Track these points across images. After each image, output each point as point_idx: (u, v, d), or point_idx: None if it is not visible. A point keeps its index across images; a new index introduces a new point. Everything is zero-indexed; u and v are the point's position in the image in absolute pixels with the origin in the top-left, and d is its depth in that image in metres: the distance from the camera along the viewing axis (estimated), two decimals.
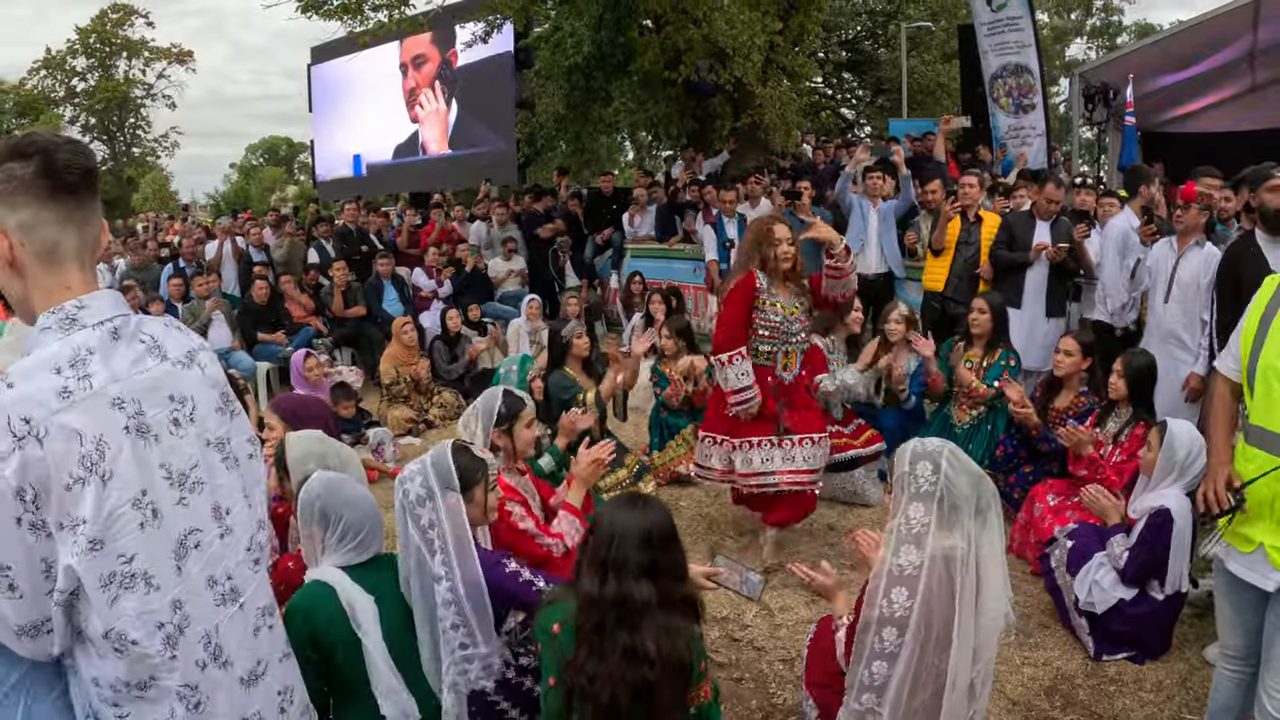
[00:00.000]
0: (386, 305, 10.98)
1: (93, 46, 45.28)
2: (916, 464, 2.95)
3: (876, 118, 25.42)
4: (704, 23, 11.72)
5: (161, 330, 1.96)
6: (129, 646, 1.81)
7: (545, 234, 12.66)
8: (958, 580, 2.86)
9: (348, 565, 3.04)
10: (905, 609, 2.89)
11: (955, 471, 2.90)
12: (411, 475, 3.06)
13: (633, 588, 2.64)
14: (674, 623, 2.70)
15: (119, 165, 46.83)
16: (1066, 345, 5.78)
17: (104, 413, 1.76)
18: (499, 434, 3.99)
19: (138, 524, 1.80)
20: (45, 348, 1.76)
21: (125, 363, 1.82)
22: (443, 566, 2.99)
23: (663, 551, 2.71)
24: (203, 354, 2.05)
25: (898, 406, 6.71)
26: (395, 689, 2.92)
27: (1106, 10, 46.68)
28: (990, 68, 13.65)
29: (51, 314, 1.80)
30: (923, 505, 2.91)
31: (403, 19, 14.39)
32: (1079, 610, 4.49)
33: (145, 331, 1.90)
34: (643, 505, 2.78)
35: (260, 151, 64.27)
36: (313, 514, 3.07)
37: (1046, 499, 5.30)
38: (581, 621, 2.67)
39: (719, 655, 4.49)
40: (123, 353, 1.83)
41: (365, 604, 2.94)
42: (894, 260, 8.85)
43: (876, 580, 2.98)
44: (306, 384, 7.70)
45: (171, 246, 13.07)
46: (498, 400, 3.99)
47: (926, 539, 2.89)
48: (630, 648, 2.61)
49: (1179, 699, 4.10)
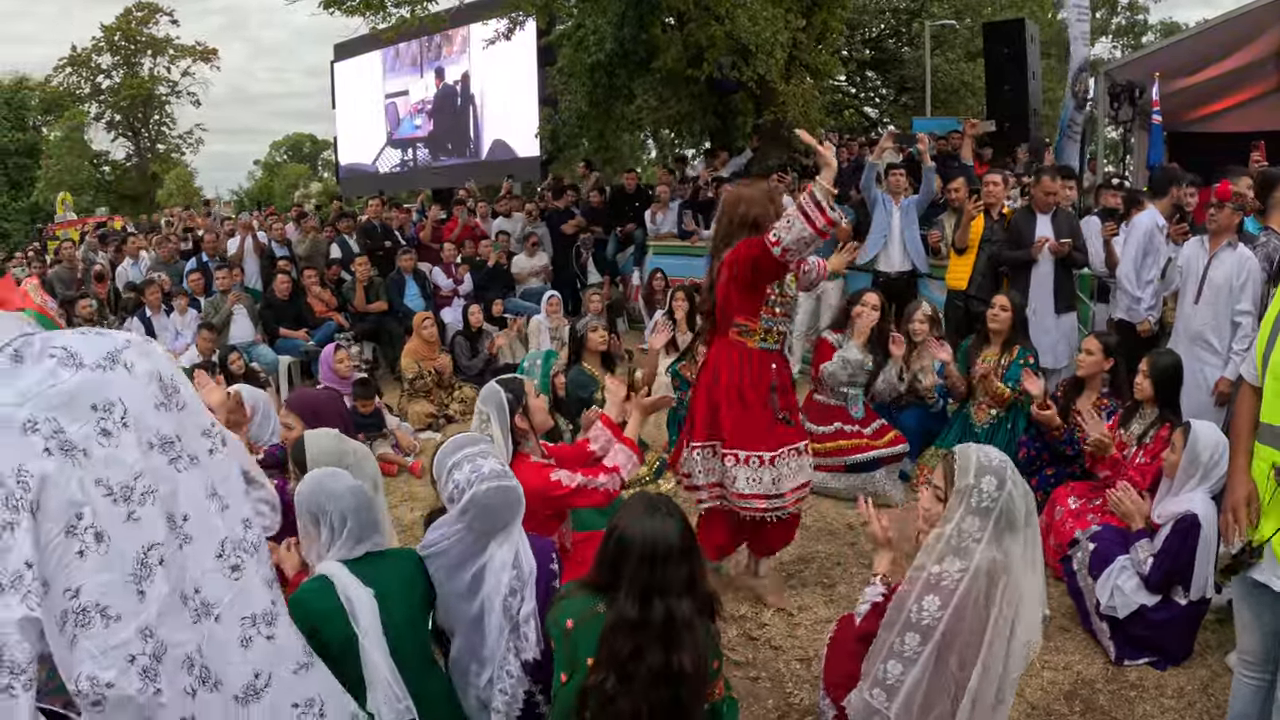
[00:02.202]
0: (408, 300, 11.04)
1: (118, 44, 45.47)
2: (982, 478, 2.88)
3: (900, 116, 25.24)
4: (726, 19, 11.68)
5: (76, 340, 1.84)
6: (105, 691, 1.67)
7: (569, 229, 12.67)
8: (997, 601, 2.83)
9: (349, 559, 3.02)
10: (935, 618, 2.86)
11: (1017, 490, 2.87)
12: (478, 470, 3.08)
13: (678, 607, 2.62)
14: (700, 628, 2.69)
15: (144, 162, 47.05)
16: (1089, 345, 5.71)
17: (16, 441, 1.64)
18: (520, 419, 3.97)
19: (76, 552, 1.67)
20: None
21: (32, 381, 1.70)
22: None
23: (695, 557, 2.70)
24: (127, 352, 1.91)
25: (922, 406, 6.68)
26: (390, 686, 2.88)
27: (1131, 9, 46.37)
28: (1077, 58, 13.51)
29: None
30: (979, 520, 2.87)
31: (425, 15, 14.40)
32: (1100, 614, 4.45)
33: (55, 345, 1.79)
34: (664, 512, 2.74)
35: (284, 148, 64.61)
36: (303, 514, 3.08)
37: (1068, 501, 5.24)
38: (617, 646, 2.61)
39: (736, 654, 4.47)
40: (29, 373, 1.71)
41: (364, 598, 2.91)
42: (917, 256, 8.79)
43: (911, 584, 2.95)
44: (335, 377, 7.70)
45: (195, 239, 13.12)
46: (500, 393, 3.95)
47: (975, 552, 2.85)
48: (664, 667, 2.59)
49: (1200, 706, 4.05)
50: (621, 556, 2.69)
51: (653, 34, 12.95)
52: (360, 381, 7.77)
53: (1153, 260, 6.68)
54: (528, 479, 3.69)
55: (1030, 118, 14.35)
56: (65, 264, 12.34)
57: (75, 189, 36.93)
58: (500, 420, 3.90)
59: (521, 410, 3.99)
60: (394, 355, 10.09)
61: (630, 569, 2.66)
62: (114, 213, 31.00)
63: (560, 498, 3.84)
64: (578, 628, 2.72)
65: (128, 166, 46.96)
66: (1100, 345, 5.65)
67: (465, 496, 3.01)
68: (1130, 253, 6.77)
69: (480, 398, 4.03)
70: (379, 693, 2.86)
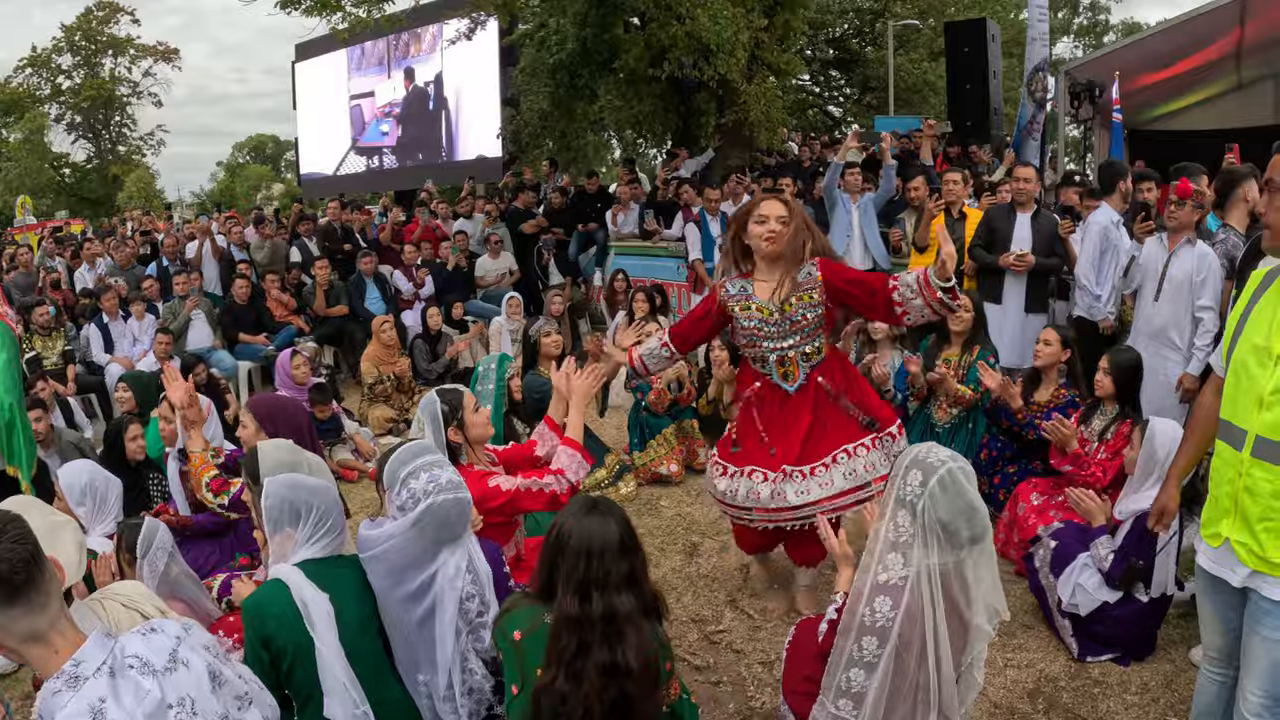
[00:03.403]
0: (369, 304, 10.91)
1: (78, 44, 44.95)
2: (909, 471, 2.86)
3: (863, 115, 25.42)
4: (687, 19, 11.65)
5: (140, 644, 2.10)
6: None
7: (529, 229, 12.59)
8: (939, 603, 2.80)
9: (318, 559, 2.98)
10: (888, 619, 2.83)
11: (943, 494, 2.78)
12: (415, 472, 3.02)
13: (618, 601, 2.60)
14: (649, 625, 2.67)
15: (104, 164, 46.51)
16: (1046, 336, 5.72)
17: None
18: (454, 432, 3.92)
19: None
20: (63, 710, 1.94)
21: (130, 696, 2.00)
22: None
23: (635, 555, 2.68)
24: (181, 649, 2.17)
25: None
26: (347, 692, 2.83)
27: (1093, 9, 46.84)
28: (1034, 57, 13.59)
29: (57, 679, 1.98)
30: (908, 514, 2.84)
31: (381, 16, 14.30)
32: (1062, 612, 4.44)
33: (129, 654, 2.06)
34: (604, 511, 2.72)
35: (247, 149, 64.12)
36: (283, 514, 3.00)
37: (1030, 498, 5.24)
38: (563, 644, 2.60)
39: (696, 658, 4.42)
40: (124, 687, 2.00)
41: (319, 601, 2.85)
42: (878, 253, 8.80)
43: (860, 586, 2.92)
44: (293, 383, 7.59)
45: (153, 243, 12.96)
46: (436, 404, 3.91)
47: (912, 550, 2.81)
48: (610, 663, 2.57)
49: (1164, 701, 4.05)
50: (559, 554, 2.68)
51: (615, 34, 12.92)
52: (316, 387, 7.67)
53: (1111, 257, 6.67)
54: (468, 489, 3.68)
55: (991, 117, 14.44)
56: (22, 270, 12.14)
57: (35, 192, 36.50)
58: (434, 432, 3.87)
59: (456, 423, 3.94)
60: (355, 359, 9.99)
61: (567, 565, 2.64)
62: (74, 216, 30.66)
63: (499, 505, 3.79)
64: (526, 638, 2.68)
65: (88, 169, 46.36)
66: (1058, 337, 5.67)
67: (420, 506, 2.94)
68: (1087, 251, 6.77)
69: (419, 406, 4.00)
70: (335, 699, 2.80)
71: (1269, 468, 2.73)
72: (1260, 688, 2.83)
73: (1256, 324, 2.84)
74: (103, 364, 9.58)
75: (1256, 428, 2.75)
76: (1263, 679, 2.82)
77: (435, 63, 19.83)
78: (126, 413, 6.66)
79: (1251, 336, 2.82)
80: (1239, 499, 2.80)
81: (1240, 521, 2.81)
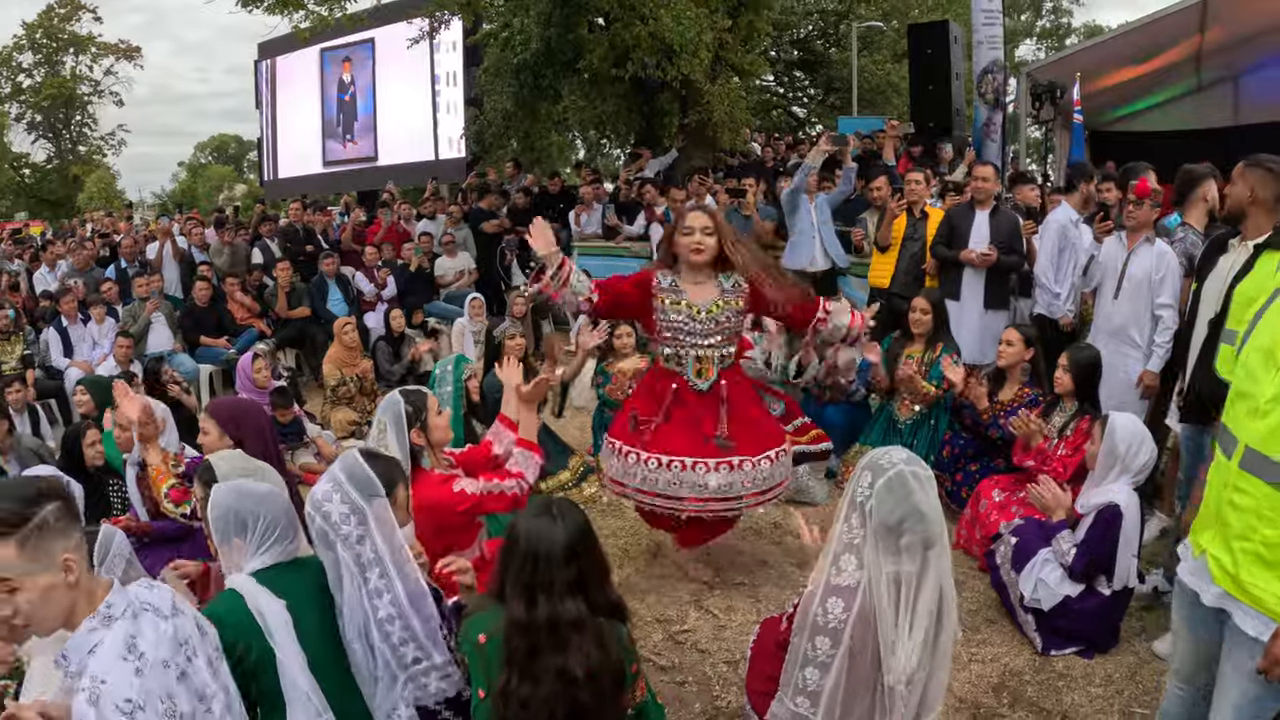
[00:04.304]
0: (331, 305, 10.84)
1: (39, 42, 44.24)
2: (863, 473, 2.83)
3: (827, 116, 25.51)
4: (650, 19, 11.64)
5: (149, 594, 2.41)
6: None
7: (490, 229, 12.54)
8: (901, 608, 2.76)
9: (272, 566, 2.92)
10: (840, 620, 2.80)
11: (889, 495, 2.74)
12: (327, 495, 2.90)
13: (561, 608, 2.58)
14: (603, 630, 2.63)
15: (65, 164, 45.82)
16: (1008, 336, 5.78)
17: (161, 676, 2.28)
18: (417, 434, 3.88)
19: None
20: (102, 644, 2.25)
21: (151, 632, 2.33)
22: (381, 580, 2.88)
23: (586, 561, 2.65)
24: (176, 599, 2.46)
25: (847, 401, 6.67)
26: (309, 700, 2.77)
27: (1056, 12, 47.23)
28: (982, 60, 13.66)
29: (93, 618, 2.29)
30: (859, 516, 2.82)
31: (343, 15, 14.21)
32: (1025, 607, 4.46)
33: (142, 600, 2.37)
34: (557, 514, 2.69)
35: (209, 149, 63.43)
36: (229, 524, 2.94)
37: (992, 494, 5.28)
38: (513, 646, 2.59)
39: (661, 658, 4.40)
40: (145, 626, 2.32)
41: (275, 609, 2.79)
42: (835, 251, 8.85)
43: (815, 586, 2.90)
44: (254, 387, 7.51)
45: (112, 245, 12.79)
46: (400, 404, 3.86)
47: (864, 551, 2.79)
48: (563, 670, 2.56)
49: (1128, 693, 4.08)
50: (509, 555, 2.67)
51: (579, 34, 12.89)
52: (278, 390, 7.59)
53: (1070, 255, 6.72)
54: (431, 494, 3.69)
55: (954, 117, 14.51)
56: None
57: None
58: (398, 433, 3.81)
59: (420, 425, 3.90)
60: (317, 362, 9.88)
61: (515, 567, 2.63)
62: (34, 217, 30.26)
63: (467, 509, 3.78)
64: (490, 641, 2.65)
65: (48, 169, 45.60)
66: (1020, 336, 5.72)
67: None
68: (1046, 249, 6.82)
69: (380, 407, 3.94)
70: (299, 709, 2.76)
71: (1253, 482, 2.57)
72: (1224, 717, 2.75)
73: (1266, 326, 2.71)
74: (62, 368, 9.43)
75: (1247, 437, 2.60)
76: (1232, 712, 2.73)
77: (393, 62, 19.60)
78: (84, 417, 6.56)
79: (1259, 339, 2.70)
80: (1222, 511, 2.67)
81: (1220, 535, 2.68)
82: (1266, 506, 2.53)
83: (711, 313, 4.68)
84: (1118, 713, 3.96)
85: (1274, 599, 2.51)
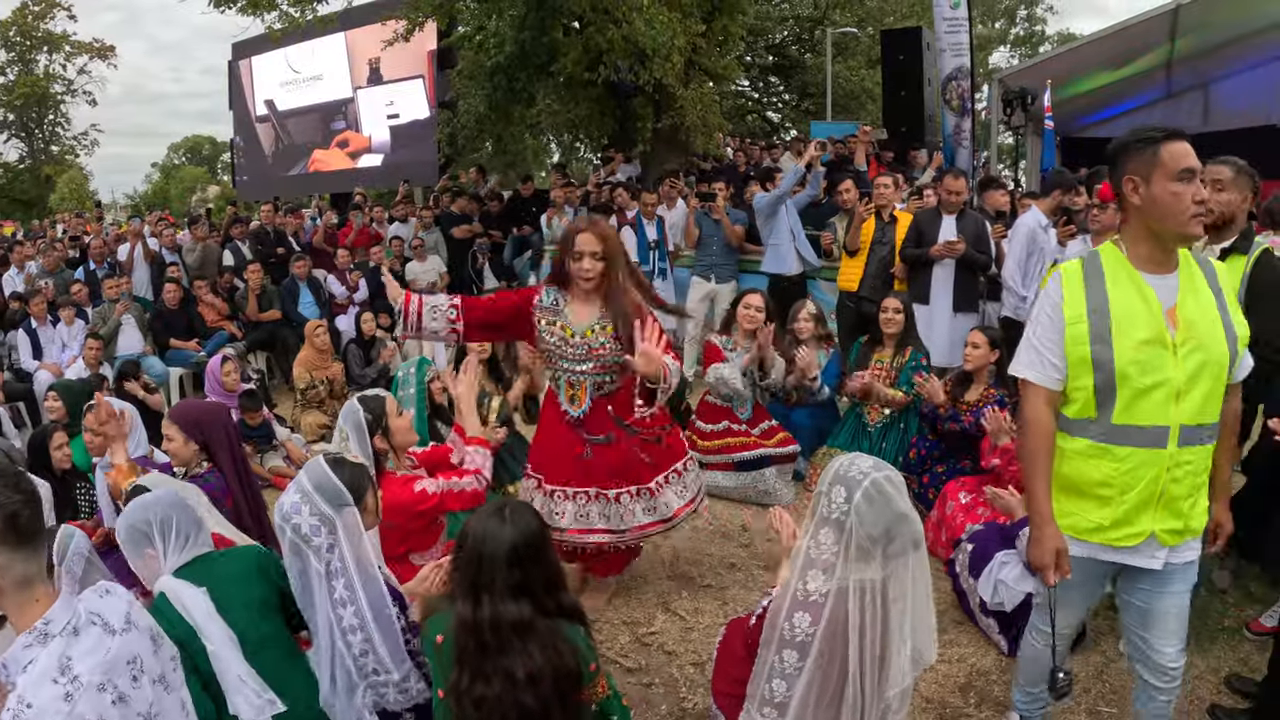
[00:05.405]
0: (302, 308, 10.76)
1: (13, 39, 43.75)
2: (834, 487, 2.73)
3: (801, 121, 25.64)
4: (624, 23, 11.64)
5: (100, 604, 2.29)
6: None
7: (461, 234, 12.50)
8: (866, 619, 2.71)
9: (190, 562, 3.00)
10: (807, 634, 2.76)
11: (870, 507, 2.67)
12: (296, 508, 2.91)
13: (504, 610, 2.57)
14: (556, 632, 2.63)
15: (37, 164, 45.35)
16: (974, 339, 5.78)
17: (95, 700, 2.16)
18: (379, 439, 3.88)
19: None
20: (35, 663, 2.15)
21: (91, 652, 2.20)
22: (346, 590, 2.89)
23: (533, 565, 2.63)
24: (132, 610, 2.36)
25: (814, 403, 6.69)
26: (244, 682, 2.81)
27: (1030, 20, 47.56)
28: (946, 68, 13.76)
29: (30, 634, 2.18)
30: (833, 532, 2.72)
31: (315, 16, 14.15)
32: (987, 611, 4.47)
33: (91, 612, 2.25)
34: (509, 515, 2.68)
35: (183, 150, 63.00)
36: (134, 539, 3.00)
37: (959, 496, 5.29)
38: (462, 645, 2.60)
39: (628, 660, 4.40)
40: (86, 643, 2.20)
41: (195, 597, 2.86)
42: (807, 253, 8.90)
43: (780, 600, 2.85)
44: (223, 390, 7.45)
45: (82, 246, 12.68)
46: (359, 412, 3.86)
47: (835, 567, 2.71)
48: (508, 671, 2.56)
49: (1095, 691, 4.10)
50: (458, 554, 2.68)
51: (553, 37, 12.88)
52: (247, 393, 7.53)
53: (1038, 259, 6.77)
54: (394, 495, 3.71)
55: (926, 123, 14.61)
56: None
57: None
58: (359, 442, 3.82)
59: (381, 431, 3.91)
60: (288, 364, 9.81)
61: (463, 566, 2.64)
62: (4, 218, 29.96)
63: (430, 509, 3.80)
64: (446, 641, 2.66)
65: (20, 169, 45.10)
66: (986, 339, 5.74)
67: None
68: (1015, 252, 6.88)
69: (340, 415, 3.95)
70: (238, 696, 2.80)
71: (1193, 451, 2.82)
72: (1177, 637, 3.01)
73: (1126, 319, 2.76)
74: (31, 370, 9.33)
75: (1179, 419, 2.75)
76: (1176, 630, 3.02)
77: (369, 65, 19.55)
78: (54, 421, 6.50)
79: (1130, 334, 2.74)
80: (1166, 491, 2.81)
81: (1163, 510, 2.84)
82: (1203, 457, 2.88)
83: (585, 337, 4.38)
84: (1084, 712, 3.98)
85: (1204, 515, 2.95)
